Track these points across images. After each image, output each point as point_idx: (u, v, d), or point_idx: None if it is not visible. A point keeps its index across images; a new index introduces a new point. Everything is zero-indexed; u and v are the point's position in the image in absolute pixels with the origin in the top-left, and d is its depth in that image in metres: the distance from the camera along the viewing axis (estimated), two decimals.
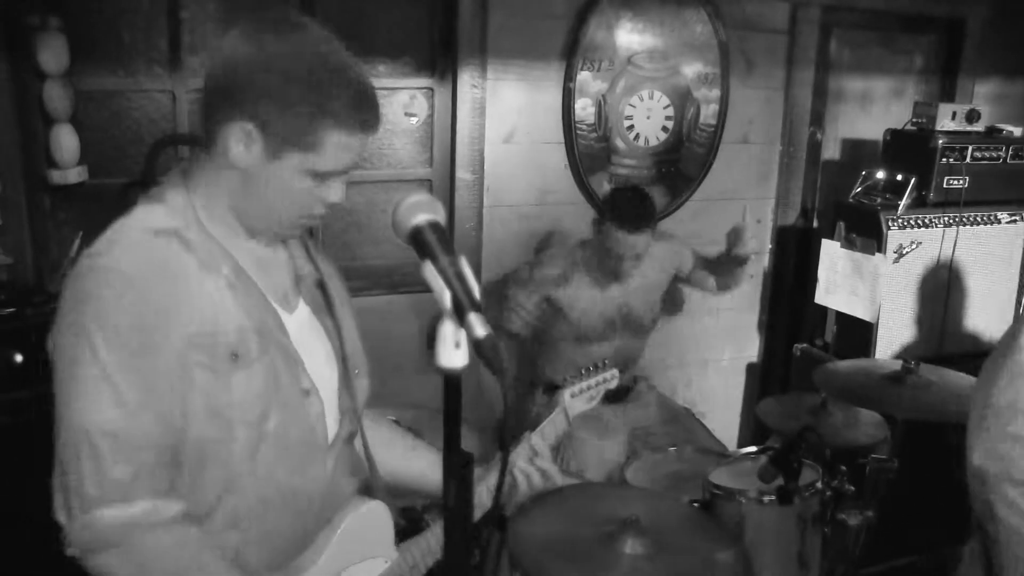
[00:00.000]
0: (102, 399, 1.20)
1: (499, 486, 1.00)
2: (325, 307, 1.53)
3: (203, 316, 1.28)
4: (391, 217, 1.07)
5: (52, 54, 2.81)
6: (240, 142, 1.30)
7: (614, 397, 3.16)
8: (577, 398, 1.91)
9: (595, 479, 2.88)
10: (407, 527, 2.43)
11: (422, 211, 1.09)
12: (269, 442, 1.35)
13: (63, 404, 1.22)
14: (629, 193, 2.94)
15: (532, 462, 1.75)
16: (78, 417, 1.21)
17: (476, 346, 0.92)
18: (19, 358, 2.51)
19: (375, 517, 1.57)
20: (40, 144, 2.93)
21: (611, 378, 1.99)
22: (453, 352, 0.93)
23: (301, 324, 1.46)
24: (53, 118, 2.88)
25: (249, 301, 1.35)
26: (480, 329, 0.93)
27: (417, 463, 1.71)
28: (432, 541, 1.60)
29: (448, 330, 0.93)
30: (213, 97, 1.32)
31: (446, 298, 0.97)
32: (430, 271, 1.01)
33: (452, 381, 0.92)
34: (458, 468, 0.90)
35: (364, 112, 1.33)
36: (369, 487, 1.62)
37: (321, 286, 1.54)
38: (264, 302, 1.37)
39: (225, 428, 1.30)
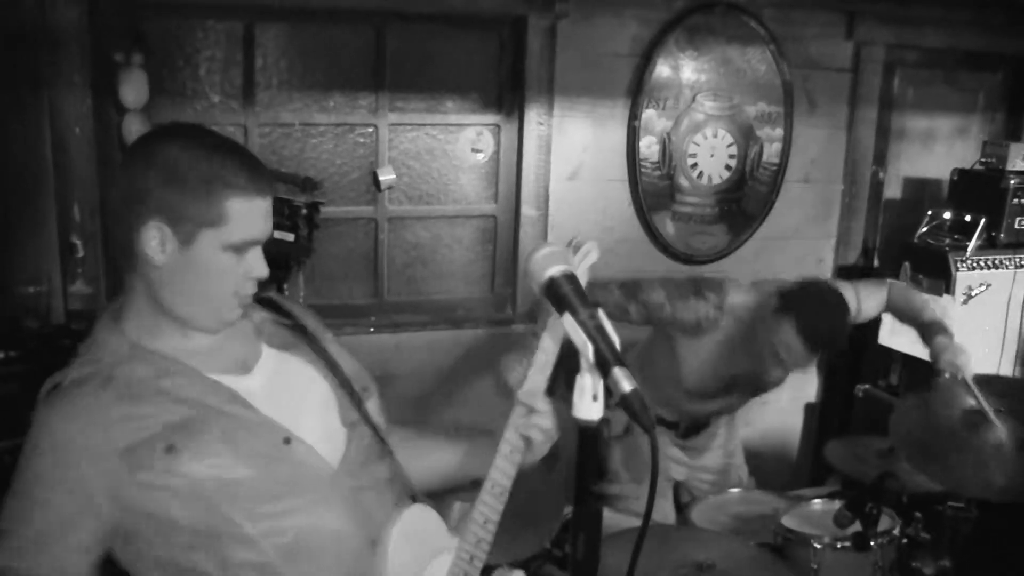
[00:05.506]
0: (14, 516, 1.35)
1: (639, 543, 0.98)
2: (298, 337, 1.57)
3: (127, 434, 1.35)
4: (525, 267, 1.07)
5: (133, 89, 2.89)
6: (154, 240, 1.36)
7: (688, 432, 2.97)
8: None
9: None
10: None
11: (556, 262, 1.08)
12: (266, 494, 1.39)
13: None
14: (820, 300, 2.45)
15: (527, 425, 1.48)
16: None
17: (623, 401, 0.91)
18: None
19: (421, 519, 1.53)
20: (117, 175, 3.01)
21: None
22: (590, 405, 0.92)
23: (271, 372, 1.50)
24: None
25: (183, 391, 1.40)
26: (626, 383, 0.92)
27: (433, 456, 1.70)
28: (480, 516, 1.49)
29: (586, 382, 0.92)
30: (119, 214, 1.39)
31: (589, 352, 0.96)
32: (570, 324, 1.00)
33: (587, 433, 0.92)
34: (587, 520, 0.88)
35: (256, 177, 1.39)
36: (408, 493, 1.61)
37: (282, 324, 1.58)
38: (203, 384, 1.42)
39: (209, 503, 1.36)
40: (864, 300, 2.78)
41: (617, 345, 0.97)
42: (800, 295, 2.45)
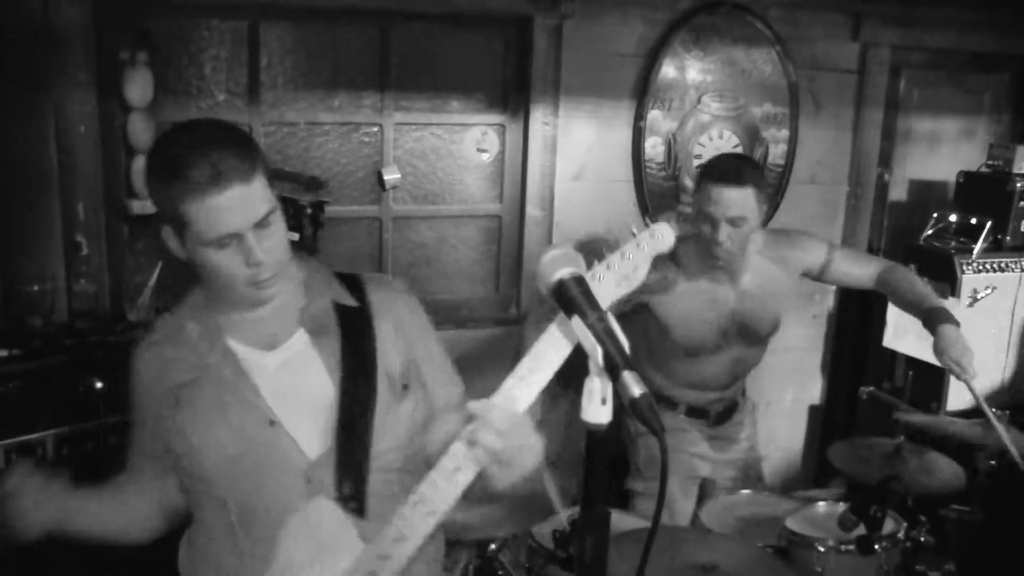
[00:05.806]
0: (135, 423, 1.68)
1: (649, 543, 0.97)
2: (341, 322, 1.57)
3: (168, 381, 1.56)
4: (534, 269, 1.06)
5: (138, 87, 2.89)
6: (170, 240, 1.49)
7: (720, 418, 2.96)
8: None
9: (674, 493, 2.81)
10: (481, 564, 2.42)
11: (564, 264, 1.08)
12: (243, 467, 1.49)
13: None
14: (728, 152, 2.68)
15: (474, 441, 1.26)
16: None
17: (632, 405, 0.91)
18: (99, 385, 2.54)
19: (326, 517, 1.47)
20: (121, 174, 3.01)
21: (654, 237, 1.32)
22: (599, 408, 0.91)
23: (291, 354, 1.55)
24: (135, 149, 2.95)
25: (205, 355, 1.54)
26: (636, 388, 0.91)
27: None
28: (393, 531, 1.35)
29: (595, 386, 0.92)
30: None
31: (598, 355, 0.95)
32: (579, 327, 0.99)
33: (595, 437, 0.91)
34: (595, 523, 0.88)
35: (216, 171, 1.37)
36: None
37: (337, 305, 1.58)
38: (221, 353, 1.54)
39: (196, 454, 1.53)
40: (839, 258, 2.78)
41: (626, 348, 0.96)
42: (706, 162, 2.71)
